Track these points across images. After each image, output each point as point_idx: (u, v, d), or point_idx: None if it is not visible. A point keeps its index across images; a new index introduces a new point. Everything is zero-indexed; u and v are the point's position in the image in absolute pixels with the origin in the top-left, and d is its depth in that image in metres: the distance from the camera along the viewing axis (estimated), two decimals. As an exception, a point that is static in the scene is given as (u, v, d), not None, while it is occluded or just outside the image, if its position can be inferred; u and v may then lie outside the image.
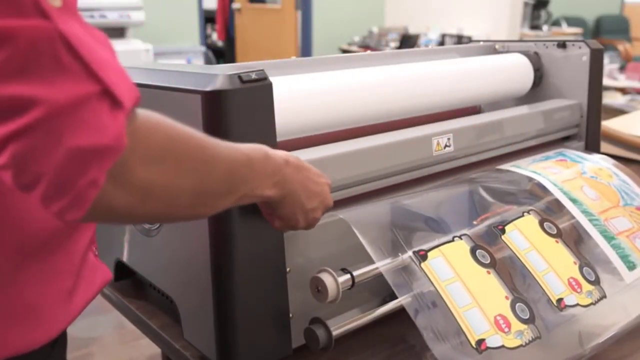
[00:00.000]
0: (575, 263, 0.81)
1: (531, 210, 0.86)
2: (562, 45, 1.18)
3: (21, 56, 0.38)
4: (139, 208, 0.46)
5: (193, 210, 0.53)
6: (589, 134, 1.18)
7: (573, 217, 0.88)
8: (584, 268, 0.80)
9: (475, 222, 0.82)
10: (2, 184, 0.49)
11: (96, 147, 0.40)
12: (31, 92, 0.38)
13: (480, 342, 0.67)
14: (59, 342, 0.62)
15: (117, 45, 3.41)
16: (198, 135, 0.51)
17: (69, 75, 0.39)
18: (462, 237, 0.77)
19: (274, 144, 0.69)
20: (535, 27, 5.74)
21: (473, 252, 0.76)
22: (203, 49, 5.21)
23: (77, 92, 0.39)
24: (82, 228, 0.61)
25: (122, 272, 0.92)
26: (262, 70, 0.68)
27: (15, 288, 0.54)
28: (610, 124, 1.65)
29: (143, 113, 0.45)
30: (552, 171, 0.97)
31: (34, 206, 0.51)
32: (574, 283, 0.78)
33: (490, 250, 0.77)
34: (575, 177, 0.96)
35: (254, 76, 0.67)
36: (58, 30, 0.39)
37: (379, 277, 0.72)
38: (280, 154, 0.62)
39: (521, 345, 0.68)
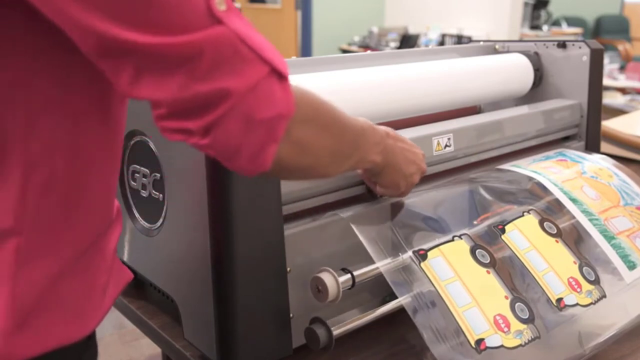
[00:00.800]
0: (575, 263, 0.81)
1: (531, 210, 0.86)
2: (562, 45, 1.18)
3: (211, 59, 0.46)
4: (297, 161, 0.55)
5: (327, 168, 0.62)
6: (589, 134, 1.18)
7: (573, 217, 0.88)
8: (584, 268, 0.80)
9: (475, 222, 0.82)
10: (66, 185, 0.53)
11: (276, 116, 0.50)
12: (223, 85, 0.47)
13: (480, 341, 0.67)
14: (93, 336, 0.65)
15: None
16: (331, 103, 0.60)
17: (247, 63, 0.48)
18: (462, 236, 0.77)
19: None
20: (535, 27, 5.75)
21: (473, 251, 0.76)
22: (203, 49, 5.20)
23: (255, 76, 0.48)
24: (113, 228, 0.63)
25: (123, 272, 0.92)
26: (262, 70, 0.68)
27: (67, 283, 0.57)
28: (610, 124, 1.65)
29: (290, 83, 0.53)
30: (552, 171, 0.97)
31: (91, 205, 0.56)
32: (573, 283, 0.78)
33: (490, 250, 0.77)
34: (575, 176, 0.96)
35: (254, 76, 0.67)
36: (231, 30, 0.47)
37: (379, 277, 0.72)
38: (382, 127, 0.71)
39: (520, 345, 0.69)
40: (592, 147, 1.18)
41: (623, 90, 2.95)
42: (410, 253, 0.73)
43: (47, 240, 0.54)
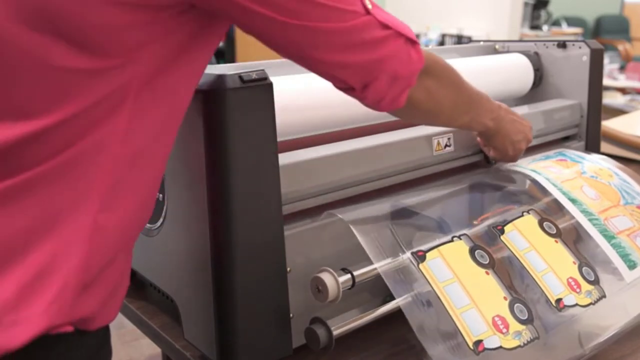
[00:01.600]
0: (574, 263, 0.81)
1: (531, 210, 0.86)
2: (562, 45, 1.18)
3: (364, 37, 0.62)
4: (423, 103, 0.72)
5: (446, 116, 0.79)
6: (589, 134, 1.18)
7: (573, 217, 0.88)
8: (584, 268, 0.80)
9: (475, 222, 0.82)
10: (129, 187, 0.59)
11: (413, 71, 0.67)
12: (374, 55, 0.63)
13: (478, 343, 0.67)
14: (109, 335, 0.69)
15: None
16: (450, 64, 0.76)
17: (388, 38, 0.64)
18: (461, 237, 0.77)
19: (274, 144, 0.69)
20: (535, 27, 5.74)
21: (472, 252, 0.76)
22: (203, 48, 5.17)
23: (395, 45, 0.64)
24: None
25: (123, 272, 0.92)
26: (263, 70, 0.68)
27: (114, 266, 0.61)
28: (610, 124, 1.65)
29: None
30: (552, 171, 0.97)
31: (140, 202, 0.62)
32: (573, 283, 0.78)
33: (489, 251, 0.77)
34: (575, 176, 0.96)
35: (254, 76, 0.67)
36: (376, 18, 0.63)
37: (379, 277, 0.72)
38: (497, 102, 0.88)
39: (519, 346, 0.68)
40: (592, 147, 1.18)
41: (623, 90, 2.95)
42: (408, 254, 0.73)
43: (118, 215, 0.58)
